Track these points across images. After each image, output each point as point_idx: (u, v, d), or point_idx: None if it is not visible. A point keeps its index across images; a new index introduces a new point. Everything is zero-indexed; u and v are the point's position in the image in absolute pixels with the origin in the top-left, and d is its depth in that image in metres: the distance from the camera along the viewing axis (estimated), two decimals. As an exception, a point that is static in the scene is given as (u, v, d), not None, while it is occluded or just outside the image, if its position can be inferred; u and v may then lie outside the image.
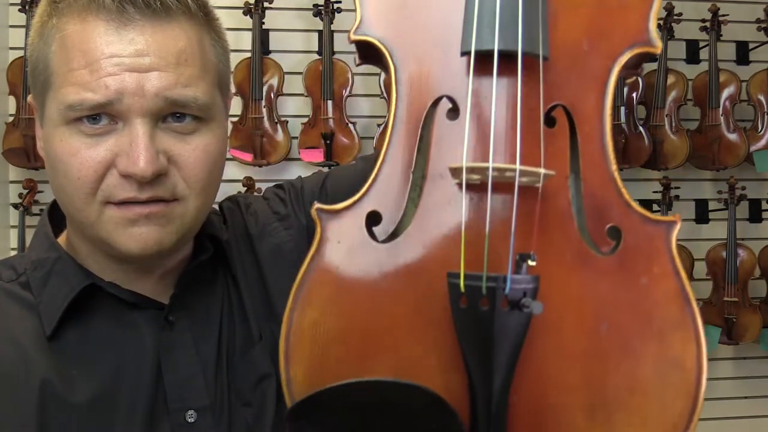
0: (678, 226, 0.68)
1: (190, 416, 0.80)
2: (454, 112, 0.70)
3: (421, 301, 0.67)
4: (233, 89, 2.56)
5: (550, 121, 0.70)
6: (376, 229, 0.70)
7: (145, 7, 0.71)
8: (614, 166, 0.70)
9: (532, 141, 0.68)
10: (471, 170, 0.66)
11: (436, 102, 0.71)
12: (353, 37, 0.72)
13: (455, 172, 0.67)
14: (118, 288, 0.82)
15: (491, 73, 0.68)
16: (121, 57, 0.71)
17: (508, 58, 0.68)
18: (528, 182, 0.67)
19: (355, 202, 0.70)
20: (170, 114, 0.74)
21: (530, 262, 0.63)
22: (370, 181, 0.71)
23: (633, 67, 0.72)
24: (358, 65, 0.78)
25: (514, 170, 0.65)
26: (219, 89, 0.80)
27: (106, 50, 0.71)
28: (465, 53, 0.69)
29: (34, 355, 0.78)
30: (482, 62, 0.68)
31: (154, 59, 0.71)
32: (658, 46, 0.70)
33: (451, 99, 0.71)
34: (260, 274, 0.91)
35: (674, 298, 0.67)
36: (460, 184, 0.67)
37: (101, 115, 0.72)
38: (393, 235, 0.69)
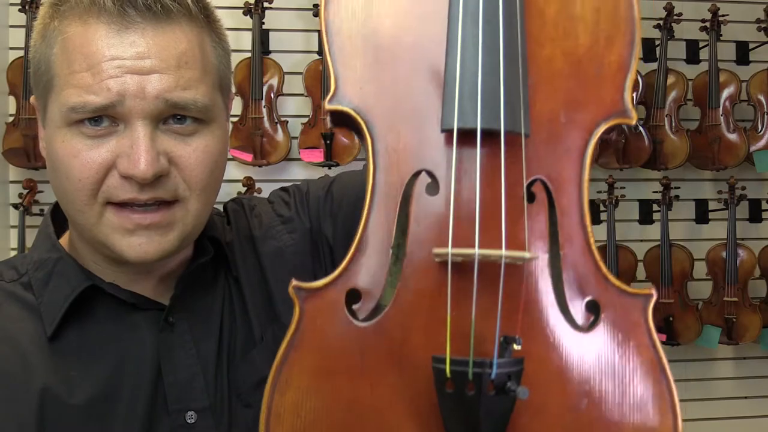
0: (654, 299, 0.68)
1: (190, 417, 0.80)
2: (433, 187, 0.68)
3: (405, 384, 0.66)
4: (233, 89, 2.56)
5: (529, 197, 0.69)
6: (356, 307, 0.67)
7: (146, 10, 0.71)
8: (591, 238, 0.69)
9: (514, 219, 0.67)
10: (456, 254, 0.65)
11: (416, 175, 0.69)
12: (328, 106, 0.68)
13: (440, 255, 0.66)
14: (118, 289, 0.82)
15: (470, 149, 0.66)
16: (123, 59, 0.71)
17: (488, 135, 0.66)
18: (511, 261, 0.66)
19: (333, 280, 0.67)
20: (171, 116, 0.74)
21: (516, 346, 0.63)
22: (348, 257, 0.68)
23: (607, 132, 0.72)
24: (329, 129, 0.76)
25: (500, 256, 0.64)
26: (219, 90, 0.80)
27: (107, 53, 0.71)
28: (446, 130, 0.67)
29: (34, 356, 0.79)
30: (462, 138, 0.67)
31: (155, 61, 0.72)
32: (634, 117, 0.69)
33: (430, 174, 0.68)
34: (262, 276, 0.91)
35: (651, 370, 0.68)
36: (441, 263, 0.66)
37: (102, 117, 0.72)
38: (374, 314, 0.67)
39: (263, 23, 2.60)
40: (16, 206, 2.47)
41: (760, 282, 2.79)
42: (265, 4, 2.57)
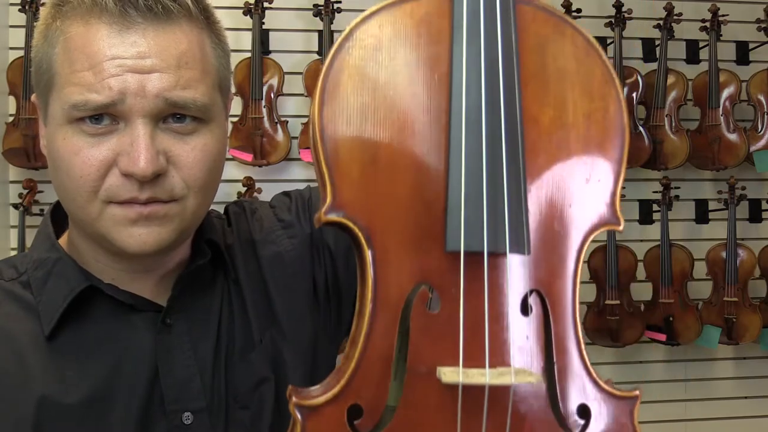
0: (639, 401, 0.70)
1: (187, 418, 0.80)
2: (434, 302, 0.67)
3: None
4: (233, 89, 2.56)
5: (526, 310, 0.68)
6: (358, 423, 0.65)
7: (147, 11, 0.72)
8: (583, 344, 0.69)
9: (513, 336, 0.67)
10: (467, 384, 0.64)
11: (416, 289, 0.67)
12: (325, 218, 0.65)
13: (448, 380, 0.64)
14: (117, 290, 0.82)
15: (471, 268, 0.65)
16: (124, 59, 0.72)
17: (489, 254, 0.66)
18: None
19: (335, 396, 0.65)
20: (170, 115, 0.75)
21: None
22: (349, 371, 0.65)
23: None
24: (317, 227, 0.71)
25: (509, 387, 0.65)
26: (219, 91, 0.81)
27: (109, 52, 0.72)
28: (451, 251, 0.65)
29: (31, 355, 0.79)
30: (464, 258, 0.66)
31: (156, 61, 0.72)
32: (622, 223, 0.70)
33: (431, 288, 0.67)
34: (262, 279, 0.91)
35: None
36: (446, 384, 0.65)
37: (103, 116, 0.73)
38: (376, 429, 0.66)
39: (263, 23, 2.60)
40: (16, 206, 2.47)
41: (760, 282, 2.79)
42: (265, 4, 2.57)
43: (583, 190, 0.69)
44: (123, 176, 0.74)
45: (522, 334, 0.67)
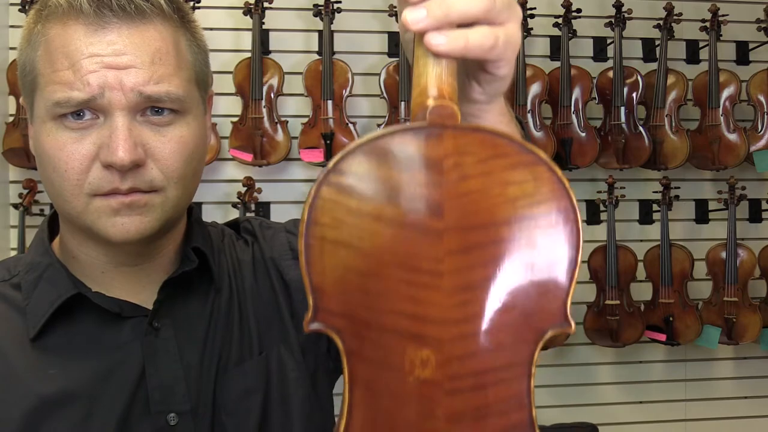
0: None
1: (172, 419, 0.82)
2: None
3: None
4: (233, 89, 2.57)
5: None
6: None
7: (121, 11, 0.77)
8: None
9: None
10: None
11: None
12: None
13: None
14: (103, 297, 0.84)
15: None
16: (101, 56, 0.76)
17: None
18: None
19: None
20: (148, 107, 0.78)
21: None
22: None
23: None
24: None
25: None
26: (196, 84, 0.84)
27: (86, 51, 0.76)
28: None
29: (14, 353, 0.81)
30: None
31: (131, 57, 0.76)
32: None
33: None
34: (275, 299, 0.93)
35: None
36: None
37: (84, 111, 0.77)
38: None
39: (263, 23, 2.60)
40: (16, 206, 2.47)
41: (760, 282, 2.79)
42: (265, 4, 2.57)
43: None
44: (104, 168, 0.77)
45: None
